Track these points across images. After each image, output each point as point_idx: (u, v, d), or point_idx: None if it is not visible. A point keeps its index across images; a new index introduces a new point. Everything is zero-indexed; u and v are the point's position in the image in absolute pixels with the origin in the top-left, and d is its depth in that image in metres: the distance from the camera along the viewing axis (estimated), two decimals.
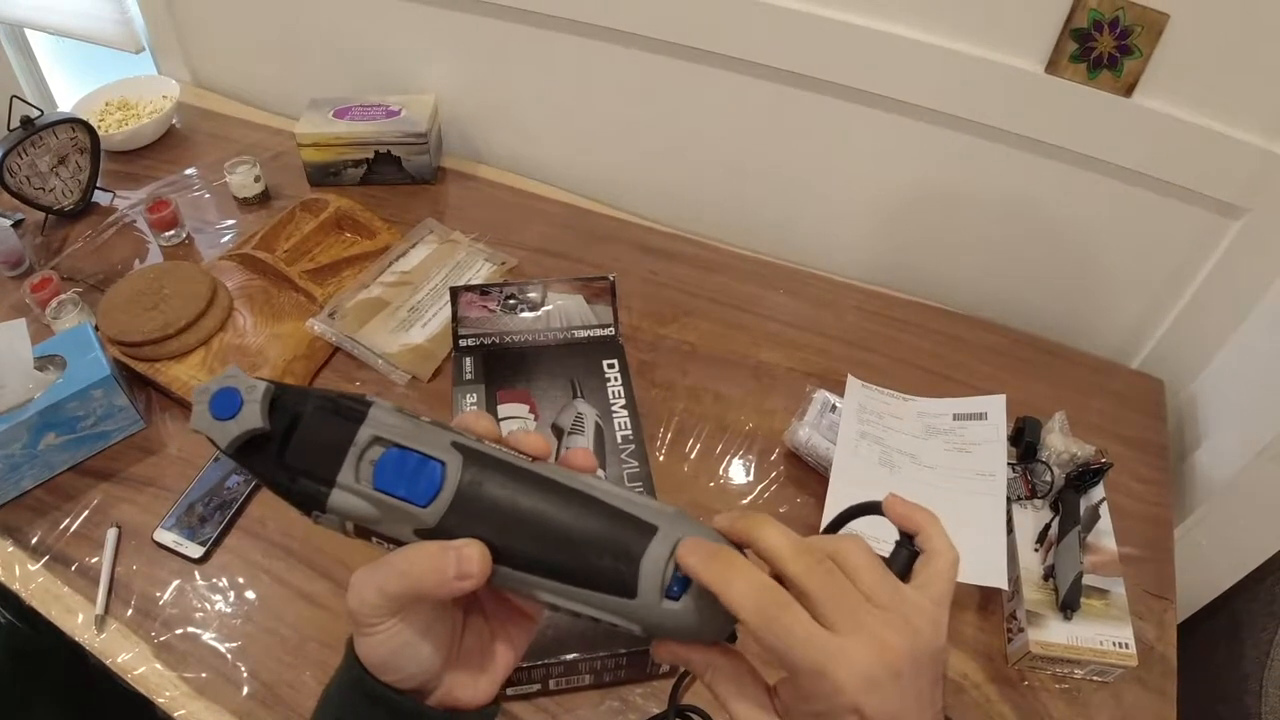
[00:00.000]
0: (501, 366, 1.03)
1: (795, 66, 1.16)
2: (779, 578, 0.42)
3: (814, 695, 0.40)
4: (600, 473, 0.47)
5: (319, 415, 0.45)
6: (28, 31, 2.06)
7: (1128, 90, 1.00)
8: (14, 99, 1.30)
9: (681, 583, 0.43)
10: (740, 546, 0.45)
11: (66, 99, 2.20)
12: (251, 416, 0.43)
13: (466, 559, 0.42)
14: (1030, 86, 1.04)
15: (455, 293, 1.05)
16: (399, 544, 0.45)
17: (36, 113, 1.32)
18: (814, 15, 1.10)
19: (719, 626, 0.44)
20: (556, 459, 0.47)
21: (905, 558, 0.46)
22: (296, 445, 0.45)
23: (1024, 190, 1.16)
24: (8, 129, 1.30)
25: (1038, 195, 1.16)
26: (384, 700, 0.46)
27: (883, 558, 0.45)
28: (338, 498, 0.44)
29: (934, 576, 0.45)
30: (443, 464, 0.44)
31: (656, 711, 0.83)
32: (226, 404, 0.43)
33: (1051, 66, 1.02)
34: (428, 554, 0.43)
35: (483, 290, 1.06)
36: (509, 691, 0.83)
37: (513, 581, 0.44)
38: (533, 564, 0.44)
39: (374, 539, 0.46)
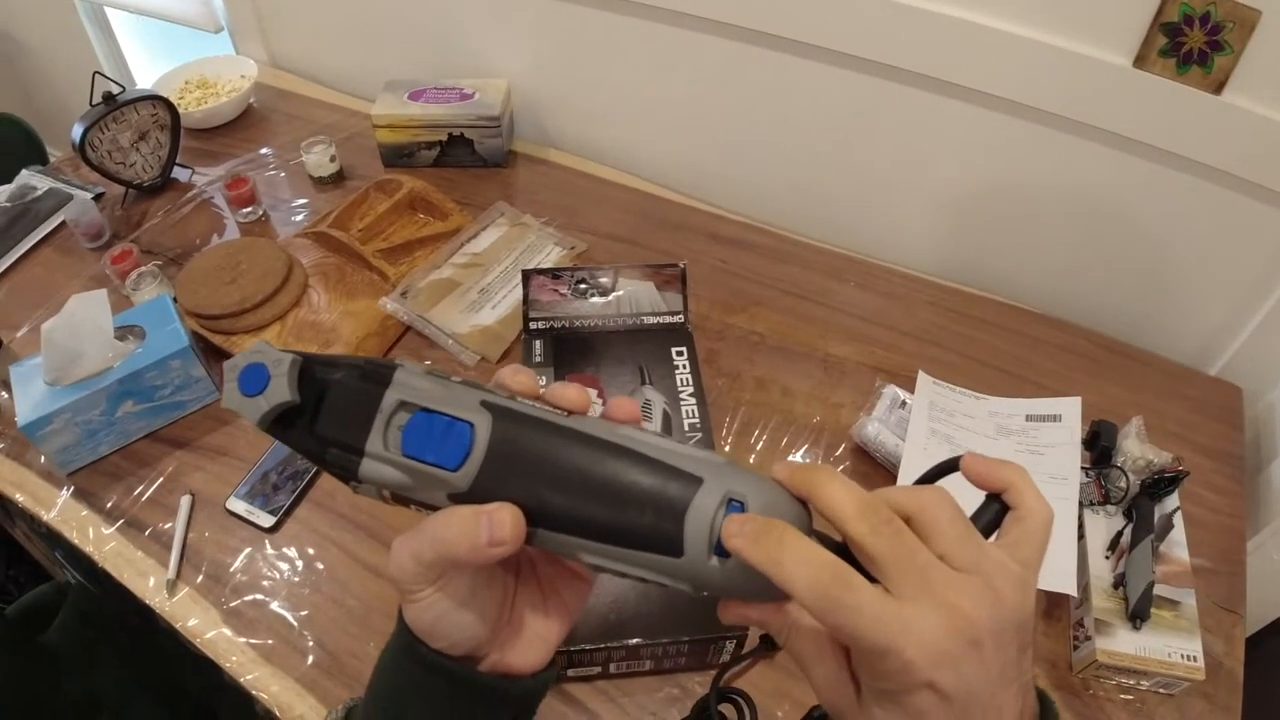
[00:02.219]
0: (570, 350, 1.03)
1: (875, 55, 1.15)
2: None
3: (883, 674, 0.37)
4: (645, 425, 0.45)
5: (346, 383, 0.44)
6: (108, 10, 2.11)
7: (1217, 88, 0.98)
8: (96, 74, 1.33)
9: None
10: (804, 502, 0.41)
11: (145, 77, 2.25)
12: (280, 390, 0.43)
13: (499, 523, 0.41)
14: (1117, 81, 1.02)
15: (527, 276, 1.06)
16: (435, 509, 0.44)
17: (118, 89, 1.35)
18: (896, 3, 1.08)
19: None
20: None
21: (993, 514, 0.42)
22: (325, 415, 0.44)
23: (1106, 187, 1.14)
24: (90, 104, 1.33)
25: (1120, 193, 1.13)
26: (436, 667, 0.46)
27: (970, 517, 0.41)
28: (368, 466, 0.43)
29: (1024, 536, 0.40)
30: (471, 425, 0.42)
31: None
32: (255, 379, 0.43)
33: (1140, 61, 1.00)
34: (460, 519, 0.42)
35: (554, 274, 1.07)
36: (570, 673, 0.84)
37: (553, 544, 0.42)
38: (572, 524, 0.42)
39: (412, 505, 0.45)
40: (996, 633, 0.37)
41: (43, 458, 1.06)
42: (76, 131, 1.31)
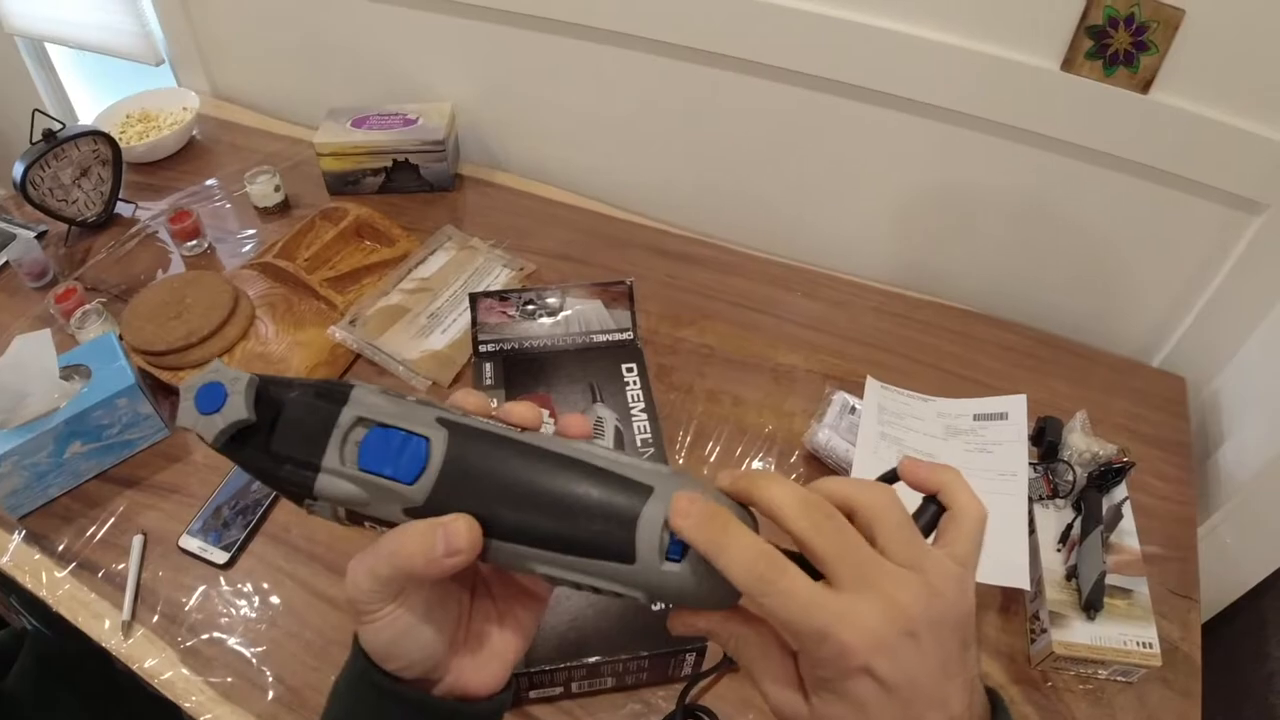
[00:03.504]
0: (521, 371, 1.03)
1: (809, 69, 1.16)
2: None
3: (821, 660, 0.38)
4: (597, 441, 0.46)
5: (302, 401, 0.44)
6: (48, 45, 2.09)
7: (1145, 87, 1.00)
8: (36, 112, 1.32)
9: (681, 544, 0.41)
10: (746, 507, 0.43)
11: (87, 112, 2.22)
12: (236, 408, 0.42)
13: (454, 534, 0.41)
14: (1047, 84, 1.04)
15: (475, 299, 1.06)
16: (391, 526, 0.44)
17: (58, 126, 1.34)
18: (827, 17, 1.10)
19: (729, 589, 0.40)
20: None
21: (931, 515, 0.43)
22: (281, 432, 0.44)
23: (1042, 188, 1.16)
24: (30, 142, 1.32)
25: (1056, 193, 1.15)
26: (390, 692, 0.45)
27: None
28: (324, 481, 0.43)
29: (960, 535, 0.41)
30: (427, 440, 0.43)
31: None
32: (211, 398, 0.43)
33: (1067, 64, 1.02)
34: (416, 533, 0.42)
35: (502, 296, 1.07)
36: (531, 694, 0.84)
37: (508, 555, 0.43)
38: (527, 535, 0.42)
39: (367, 524, 0.45)
40: (934, 625, 0.38)
41: None
42: (17, 170, 1.30)
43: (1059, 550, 0.92)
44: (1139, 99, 1.01)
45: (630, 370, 1.03)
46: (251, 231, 1.41)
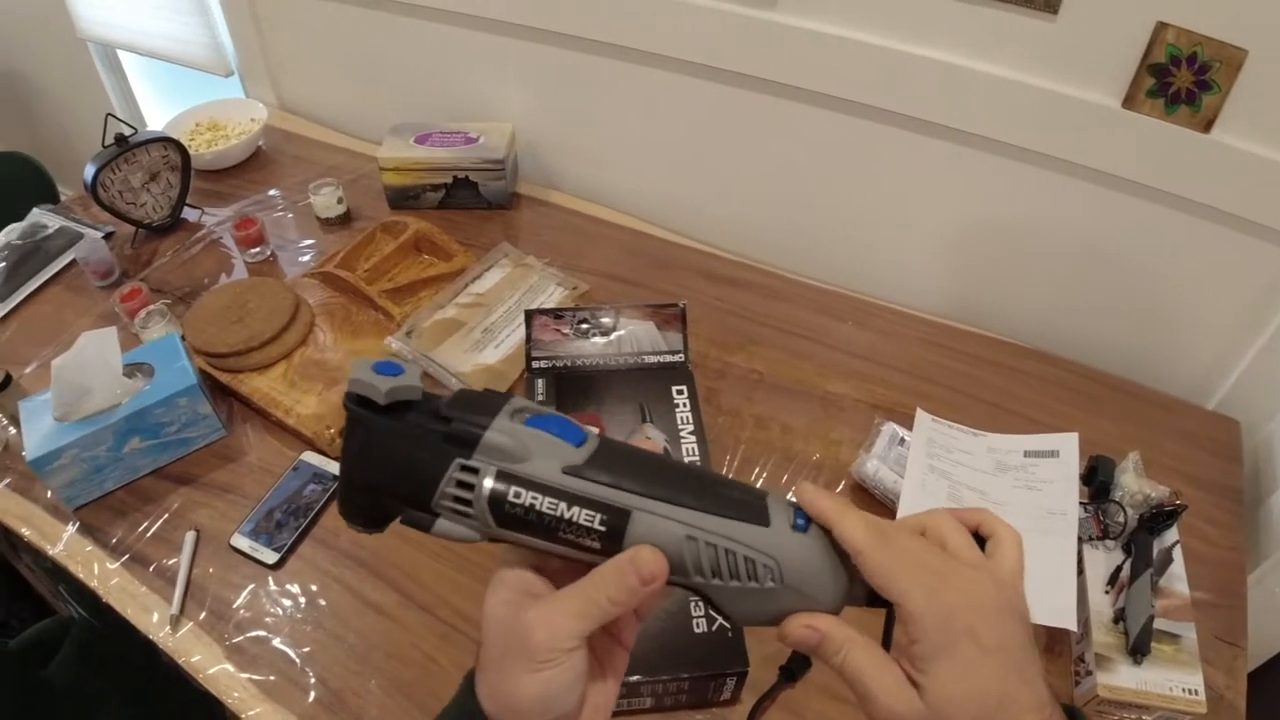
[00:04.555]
0: (572, 389, 1.04)
1: (866, 99, 1.17)
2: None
3: (929, 626, 0.43)
4: None
5: (469, 390, 0.48)
6: (120, 53, 2.15)
7: (1206, 126, 1.00)
8: (109, 116, 1.36)
9: (804, 518, 0.46)
10: None
11: (155, 118, 2.29)
12: (411, 380, 0.46)
13: (644, 561, 0.44)
14: (1107, 121, 1.04)
15: (530, 315, 1.07)
16: (542, 537, 0.45)
17: (130, 131, 1.37)
18: (887, 49, 1.11)
19: (841, 577, 0.46)
20: None
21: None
22: (454, 401, 0.47)
23: (1098, 225, 1.15)
24: (102, 145, 1.36)
25: (1112, 230, 1.15)
26: None
27: None
28: (492, 437, 0.45)
29: (1005, 554, 0.47)
30: (583, 428, 0.47)
31: None
32: (388, 368, 0.46)
33: (1129, 101, 1.02)
34: (611, 571, 0.44)
35: (557, 314, 1.08)
36: None
37: (661, 521, 0.45)
38: (678, 498, 0.45)
39: (509, 533, 0.46)
40: (1012, 609, 0.44)
41: (49, 492, 1.07)
42: (89, 172, 1.33)
43: (1107, 592, 0.91)
44: (1200, 138, 1.00)
45: (680, 392, 1.04)
46: (311, 241, 1.44)
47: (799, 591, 0.45)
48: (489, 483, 0.45)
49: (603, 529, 0.45)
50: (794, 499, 0.47)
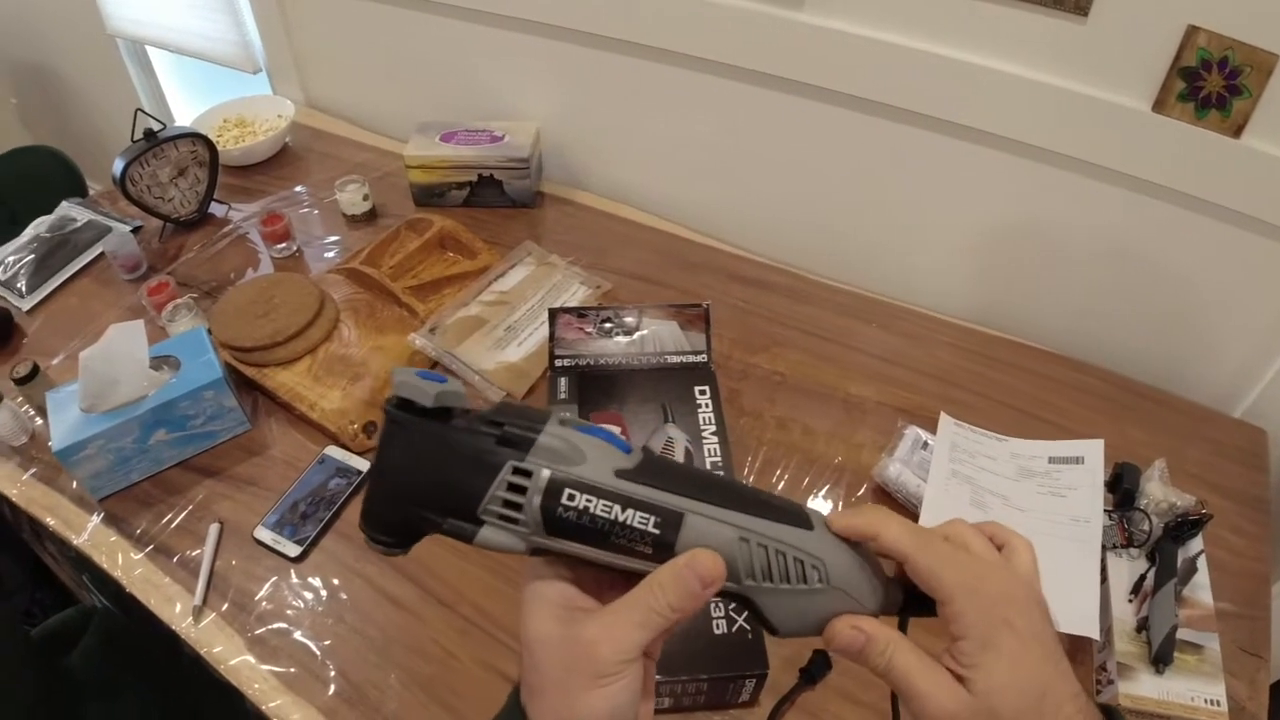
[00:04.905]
0: (594, 388, 1.04)
1: (899, 101, 1.16)
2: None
3: (975, 620, 0.44)
4: None
5: (511, 401, 0.49)
6: (149, 49, 2.17)
7: (1236, 131, 0.99)
8: (139, 112, 1.37)
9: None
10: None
11: (182, 114, 2.31)
12: (457, 390, 0.46)
13: (702, 564, 0.44)
14: (1136, 125, 1.03)
15: (554, 314, 1.07)
16: (595, 545, 0.45)
17: (159, 126, 1.39)
18: (917, 50, 1.10)
19: (879, 584, 0.47)
20: None
21: None
22: (501, 409, 0.47)
23: (1126, 230, 1.14)
24: (131, 140, 1.37)
25: (1140, 235, 1.14)
26: None
27: None
28: (545, 439, 0.45)
29: (1021, 559, 0.48)
30: (628, 442, 0.47)
31: None
32: (432, 377, 0.45)
33: (1159, 105, 1.01)
34: (669, 577, 0.44)
35: (580, 313, 1.08)
36: None
37: (714, 524, 0.46)
38: (726, 502, 0.46)
39: (556, 542, 0.45)
40: (1037, 602, 0.46)
41: (75, 483, 1.08)
42: (117, 166, 1.35)
43: (1130, 601, 0.90)
44: (1230, 143, 1.00)
45: (703, 392, 1.03)
46: (336, 238, 1.45)
47: (844, 593, 0.46)
48: (543, 483, 0.44)
49: (656, 532, 0.45)
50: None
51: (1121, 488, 0.97)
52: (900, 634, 0.47)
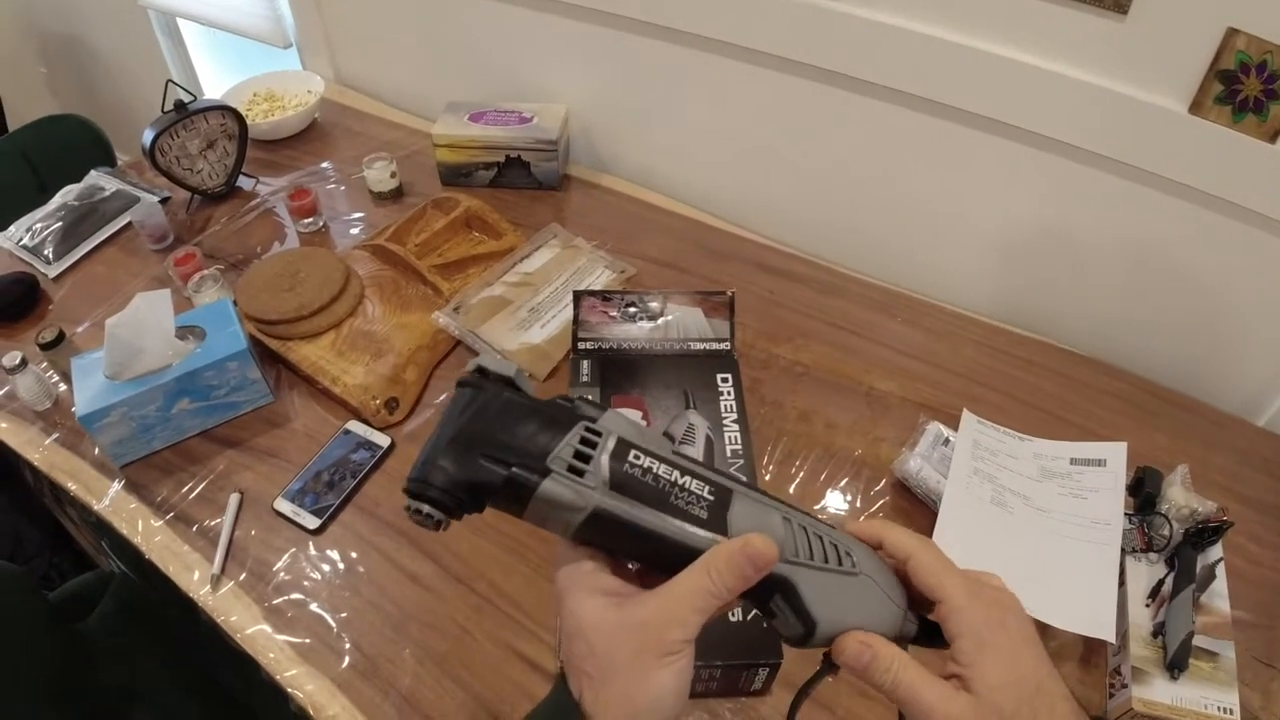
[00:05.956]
0: (617, 372, 1.04)
1: (932, 94, 1.16)
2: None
3: (973, 620, 0.48)
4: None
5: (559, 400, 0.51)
6: (180, 22, 2.18)
7: (1273, 137, 0.97)
8: (169, 83, 1.37)
9: None
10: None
11: (212, 87, 2.31)
12: (526, 378, 0.50)
13: (755, 547, 0.46)
14: (1172, 126, 1.02)
15: (578, 297, 1.07)
16: (640, 484, 0.47)
17: (189, 98, 1.39)
18: (954, 44, 1.09)
19: (900, 589, 0.51)
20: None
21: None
22: (563, 398, 0.50)
23: (1157, 232, 1.13)
24: (161, 111, 1.38)
25: (1171, 238, 1.13)
26: None
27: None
28: (611, 415, 0.49)
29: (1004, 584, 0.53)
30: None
31: None
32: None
33: (1195, 107, 1.00)
34: (725, 559, 0.46)
35: (605, 296, 1.08)
36: None
37: (759, 504, 0.49)
38: (762, 490, 0.50)
39: (629, 464, 0.47)
40: (1023, 609, 0.50)
41: (97, 449, 1.09)
42: (147, 136, 1.35)
43: (1148, 605, 0.90)
44: (1266, 148, 0.98)
45: (725, 380, 1.03)
46: (362, 214, 1.46)
47: (874, 581, 0.50)
48: (612, 443, 0.47)
49: (711, 498, 0.48)
50: None
51: (1143, 492, 0.97)
52: (904, 651, 0.48)
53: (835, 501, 1.04)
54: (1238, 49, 0.94)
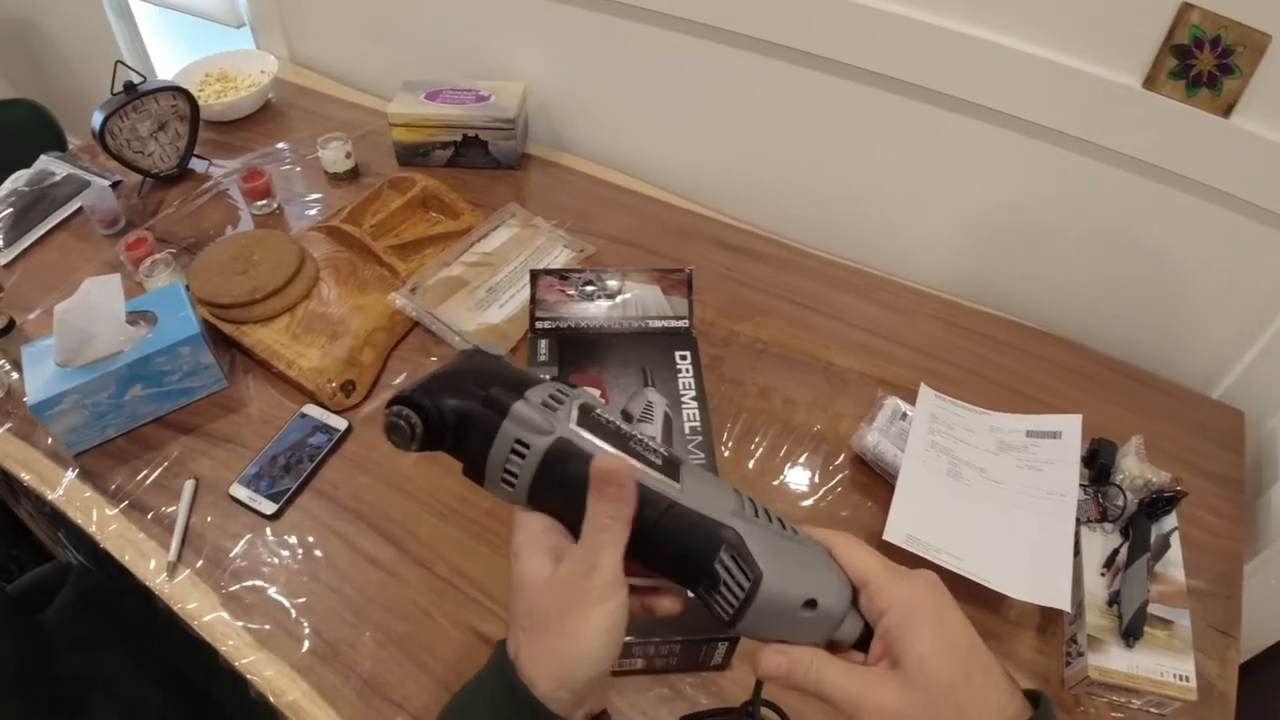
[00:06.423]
0: (575, 351, 1.03)
1: (887, 70, 1.15)
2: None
3: (896, 594, 0.49)
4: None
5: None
6: (132, 3, 2.13)
7: (1226, 110, 0.98)
8: (119, 64, 1.35)
9: None
10: None
11: (165, 69, 2.27)
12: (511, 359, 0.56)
13: (601, 468, 0.48)
14: (1126, 101, 1.03)
15: (535, 275, 1.06)
16: (602, 427, 0.51)
17: (140, 79, 1.37)
18: (909, 19, 1.09)
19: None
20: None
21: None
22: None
23: (1113, 206, 1.14)
24: (111, 93, 1.35)
25: (1127, 212, 1.14)
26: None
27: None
28: (581, 390, 0.54)
29: None
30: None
31: (707, 704, 0.84)
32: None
33: (1149, 82, 1.00)
34: (593, 494, 0.48)
35: (562, 275, 1.07)
36: None
37: (706, 473, 0.53)
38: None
39: (594, 415, 0.52)
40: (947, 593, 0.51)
41: (50, 438, 1.07)
42: (97, 119, 1.33)
43: (1103, 575, 0.91)
44: (1219, 123, 0.99)
45: (684, 358, 1.03)
46: (318, 196, 1.44)
47: (824, 553, 0.52)
48: (579, 400, 0.52)
49: (666, 456, 0.52)
50: None
51: (1098, 463, 0.98)
52: (822, 650, 0.50)
53: (795, 477, 1.04)
54: (1192, 23, 0.94)
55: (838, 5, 1.13)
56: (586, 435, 0.50)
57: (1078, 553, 0.92)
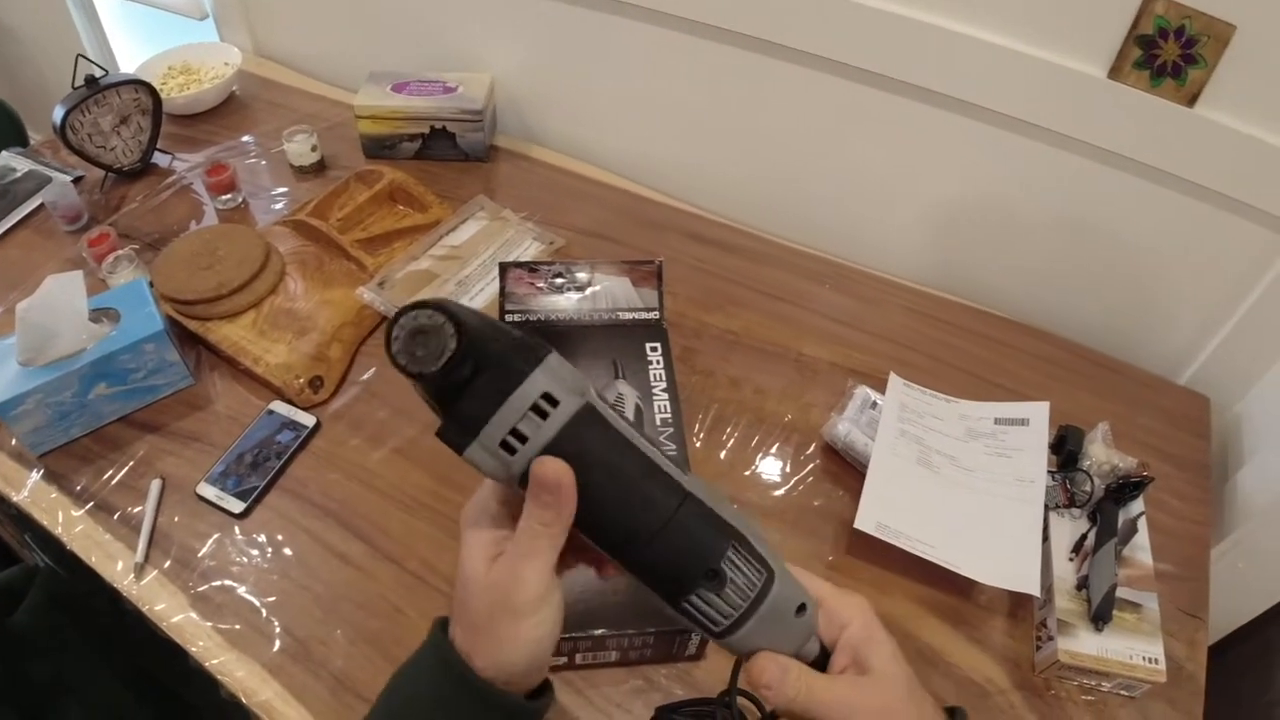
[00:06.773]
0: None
1: (857, 62, 1.16)
2: None
3: (853, 610, 0.53)
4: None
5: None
6: None
7: (1190, 100, 0.99)
8: (80, 57, 1.33)
9: None
10: None
11: (128, 62, 2.24)
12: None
13: (541, 473, 0.44)
14: (1091, 91, 1.03)
15: (504, 269, 1.06)
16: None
17: (101, 72, 1.34)
18: (879, 10, 1.09)
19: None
20: None
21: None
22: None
23: (1080, 197, 1.15)
24: (72, 87, 1.33)
25: (1094, 202, 1.15)
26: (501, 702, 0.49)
27: None
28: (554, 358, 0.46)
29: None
30: None
31: (682, 695, 0.84)
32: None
33: (1114, 72, 1.01)
34: (529, 498, 0.46)
35: (531, 268, 1.07)
36: None
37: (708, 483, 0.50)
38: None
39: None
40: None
41: (14, 439, 1.05)
42: (57, 114, 1.31)
43: (1071, 560, 0.92)
44: (1184, 112, 1.00)
45: (655, 350, 1.03)
46: (284, 189, 1.42)
47: (784, 569, 0.50)
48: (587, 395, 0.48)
49: (674, 453, 0.49)
50: None
51: (1065, 449, 0.99)
52: (806, 665, 0.52)
53: (766, 467, 1.04)
54: (1156, 14, 0.95)
55: None
56: (610, 411, 0.45)
57: (1046, 538, 0.93)
